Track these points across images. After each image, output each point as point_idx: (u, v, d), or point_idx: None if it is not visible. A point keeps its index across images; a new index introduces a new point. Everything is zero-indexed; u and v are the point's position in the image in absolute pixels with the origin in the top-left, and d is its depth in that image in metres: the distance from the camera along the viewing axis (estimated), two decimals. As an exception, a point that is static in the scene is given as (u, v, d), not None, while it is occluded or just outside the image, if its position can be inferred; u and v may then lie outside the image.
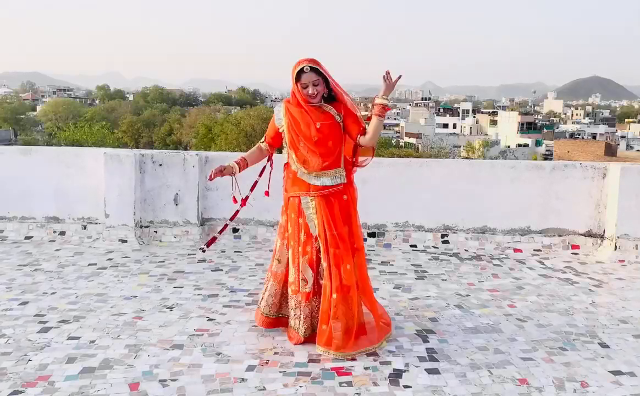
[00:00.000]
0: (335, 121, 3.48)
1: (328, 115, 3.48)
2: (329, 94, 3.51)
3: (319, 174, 3.50)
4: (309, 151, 3.48)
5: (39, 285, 4.58)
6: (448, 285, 4.80)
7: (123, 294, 4.43)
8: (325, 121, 3.46)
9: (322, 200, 3.50)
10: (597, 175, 5.88)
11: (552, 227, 5.92)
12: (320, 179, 3.51)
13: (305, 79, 3.40)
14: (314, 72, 3.38)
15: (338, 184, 3.54)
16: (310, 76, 3.39)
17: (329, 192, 3.51)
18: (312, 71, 3.38)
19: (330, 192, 3.52)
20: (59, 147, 7.22)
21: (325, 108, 3.49)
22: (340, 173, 3.56)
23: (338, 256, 3.46)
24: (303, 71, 3.38)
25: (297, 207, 3.56)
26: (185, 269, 5.05)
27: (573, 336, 3.84)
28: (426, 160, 6.37)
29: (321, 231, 3.48)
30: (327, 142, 3.48)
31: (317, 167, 3.48)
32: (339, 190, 3.55)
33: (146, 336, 3.68)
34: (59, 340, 3.60)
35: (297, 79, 3.42)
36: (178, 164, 5.91)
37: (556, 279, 5.03)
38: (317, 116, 3.46)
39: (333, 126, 3.48)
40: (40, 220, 6.01)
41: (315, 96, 3.43)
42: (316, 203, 3.52)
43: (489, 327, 3.96)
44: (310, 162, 3.49)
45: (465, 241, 5.89)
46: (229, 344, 3.60)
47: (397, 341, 3.68)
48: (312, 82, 3.39)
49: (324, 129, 3.46)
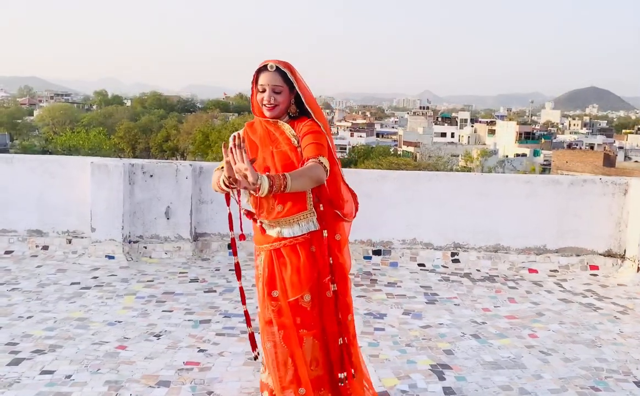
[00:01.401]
0: (292, 145, 2.44)
1: (285, 138, 2.46)
2: (301, 111, 2.53)
3: (275, 223, 2.48)
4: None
5: (15, 307, 4.17)
6: (462, 311, 4.41)
7: (106, 319, 4.03)
8: (280, 147, 2.45)
9: (274, 252, 2.51)
10: (618, 191, 5.51)
11: (570, 246, 5.54)
12: (278, 229, 2.49)
13: (263, 80, 2.43)
14: (280, 76, 2.43)
15: (303, 234, 2.48)
16: (272, 78, 2.42)
17: (286, 243, 2.49)
18: (277, 72, 2.43)
19: (289, 243, 2.49)
20: (42, 156, 6.82)
21: (282, 126, 2.48)
22: (308, 219, 2.48)
23: (287, 337, 2.48)
24: (265, 69, 2.44)
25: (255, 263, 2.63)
26: (176, 291, 4.65)
27: (604, 373, 3.45)
28: (435, 173, 6.01)
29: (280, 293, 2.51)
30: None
31: (274, 216, 2.47)
32: (305, 239, 2.49)
33: (129, 371, 3.28)
34: (30, 375, 3.20)
35: (255, 79, 2.48)
36: (170, 175, 5.52)
37: (577, 305, 4.65)
38: (273, 139, 2.48)
39: (290, 153, 2.43)
40: (21, 233, 5.61)
41: (272, 107, 2.44)
42: (265, 256, 2.54)
43: (510, 362, 3.57)
44: (266, 206, 2.48)
45: (477, 260, 5.51)
46: (222, 381, 3.21)
47: (410, 379, 3.29)
48: (272, 87, 2.42)
49: (279, 159, 2.44)
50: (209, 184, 5.61)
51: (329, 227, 2.51)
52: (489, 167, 49.99)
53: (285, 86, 2.45)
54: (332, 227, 2.54)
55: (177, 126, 63.45)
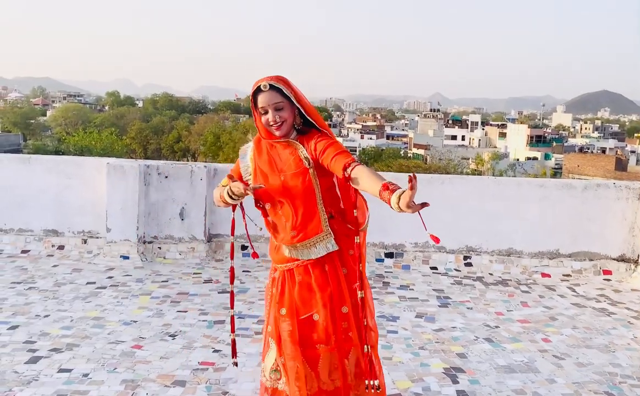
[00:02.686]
0: (303, 168, 2.38)
1: (296, 159, 2.39)
2: (305, 124, 2.46)
3: (292, 247, 2.45)
4: (276, 215, 2.48)
5: (32, 306, 4.23)
6: (474, 314, 4.42)
7: (122, 318, 4.08)
8: (290, 170, 2.40)
9: (287, 273, 2.49)
10: (632, 196, 5.48)
11: (583, 250, 5.53)
12: (295, 253, 2.46)
13: (262, 102, 2.36)
14: (277, 92, 2.36)
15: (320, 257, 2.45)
16: (270, 97, 2.35)
17: (299, 264, 2.47)
18: (272, 89, 2.36)
19: (302, 264, 2.46)
20: (59, 156, 6.90)
21: (295, 146, 2.41)
22: (326, 241, 2.44)
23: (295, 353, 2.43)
24: (261, 90, 2.37)
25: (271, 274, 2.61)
26: (190, 291, 4.69)
27: (618, 379, 3.45)
28: (448, 176, 6.00)
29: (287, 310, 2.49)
30: (295, 203, 2.41)
31: (289, 240, 2.44)
32: (317, 259, 2.45)
33: (145, 370, 3.33)
34: (48, 373, 3.25)
35: (254, 102, 2.41)
36: (185, 177, 5.57)
37: (591, 309, 4.64)
38: (282, 163, 2.43)
39: (300, 177, 2.38)
40: (38, 233, 5.68)
41: (280, 125, 2.37)
42: (279, 275, 2.52)
43: (523, 366, 3.57)
44: (281, 230, 2.48)
45: (490, 263, 5.51)
46: (236, 381, 3.24)
47: (424, 382, 3.30)
48: (274, 106, 2.36)
49: (288, 184, 2.40)
50: (223, 186, 5.65)
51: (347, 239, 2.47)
52: (500, 171, 49.79)
53: (285, 100, 2.37)
54: (349, 238, 2.47)
55: (189, 127, 63.72)
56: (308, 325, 2.44)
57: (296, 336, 2.42)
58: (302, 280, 2.46)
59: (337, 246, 2.45)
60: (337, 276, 2.46)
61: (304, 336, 2.43)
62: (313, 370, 2.42)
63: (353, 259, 2.48)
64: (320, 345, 2.43)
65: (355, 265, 2.47)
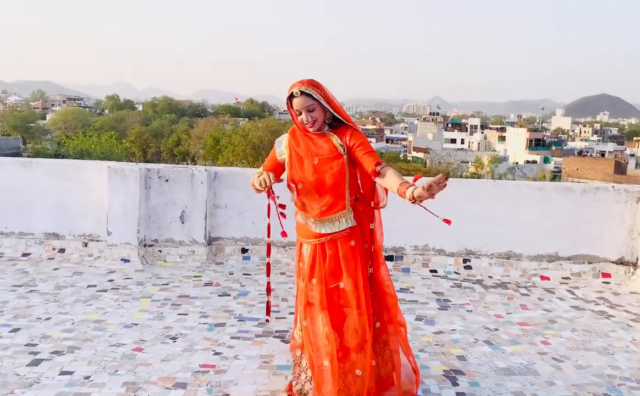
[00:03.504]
0: (337, 153, 2.83)
1: (330, 146, 2.84)
2: (334, 118, 2.90)
3: (318, 221, 2.87)
4: (308, 193, 2.88)
5: (33, 309, 4.25)
6: (474, 317, 4.43)
7: (123, 321, 4.09)
8: (324, 155, 2.84)
9: (320, 247, 2.89)
10: (631, 199, 5.51)
11: (582, 253, 5.55)
12: (320, 226, 2.88)
13: (297, 105, 2.80)
14: (307, 97, 2.78)
15: (342, 230, 2.87)
16: (303, 101, 2.78)
17: (328, 239, 2.88)
18: (303, 95, 2.78)
19: (331, 238, 2.88)
20: (59, 160, 6.91)
21: (329, 136, 2.86)
22: (347, 217, 2.87)
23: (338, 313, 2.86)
24: (293, 96, 2.80)
25: (299, 250, 3.02)
26: (191, 294, 4.70)
27: (617, 381, 3.47)
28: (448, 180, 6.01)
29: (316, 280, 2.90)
30: (325, 183, 2.83)
31: (317, 214, 2.87)
32: (344, 235, 2.87)
33: (146, 372, 3.34)
34: (50, 375, 3.26)
35: (290, 104, 2.86)
36: (185, 180, 5.59)
37: (590, 312, 4.66)
38: (317, 148, 2.86)
39: (334, 161, 2.83)
40: (39, 236, 5.69)
41: (312, 123, 2.82)
42: (311, 249, 2.92)
43: (523, 368, 3.59)
44: (309, 207, 2.89)
45: (489, 266, 5.53)
46: (237, 383, 3.25)
47: (424, 384, 3.31)
48: (306, 108, 2.79)
49: (322, 166, 2.84)
50: (224, 189, 5.68)
51: (367, 219, 2.93)
52: (500, 174, 49.82)
53: (315, 102, 2.80)
54: (368, 218, 2.94)
55: (188, 130, 63.78)
56: (336, 293, 2.86)
57: (324, 302, 2.83)
58: (332, 253, 2.87)
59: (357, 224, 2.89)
60: (361, 251, 2.90)
61: (331, 302, 2.84)
62: (339, 330, 2.83)
63: (372, 237, 2.94)
64: (347, 308, 2.84)
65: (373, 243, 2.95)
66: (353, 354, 2.83)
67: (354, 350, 2.83)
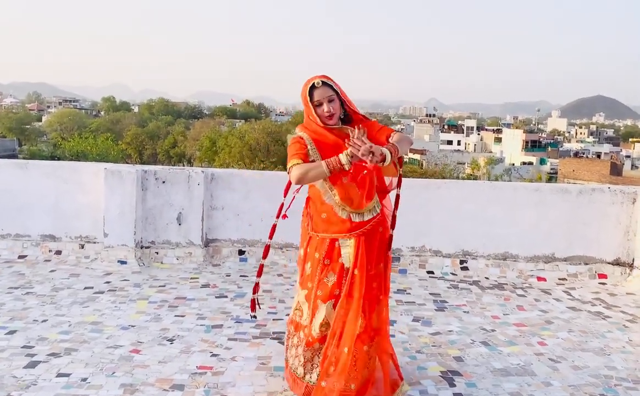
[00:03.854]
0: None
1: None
2: (345, 115, 3.03)
3: (361, 211, 2.99)
4: (350, 186, 2.94)
5: (30, 311, 4.23)
6: (471, 318, 4.44)
7: (120, 323, 4.09)
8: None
9: (362, 237, 2.99)
10: (627, 200, 5.53)
11: (578, 254, 5.56)
12: (362, 216, 2.99)
13: (318, 96, 2.89)
14: (328, 87, 2.90)
15: (375, 216, 3.04)
16: (324, 91, 2.89)
17: (367, 228, 2.99)
18: (324, 85, 2.90)
19: (369, 228, 3.00)
20: (56, 162, 6.91)
21: (347, 131, 2.90)
22: (377, 203, 3.07)
23: (372, 298, 3.02)
24: (315, 87, 2.90)
25: (327, 247, 3.02)
26: (188, 296, 4.70)
27: (614, 381, 3.48)
28: (444, 181, 6.03)
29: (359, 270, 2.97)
30: (362, 172, 2.90)
31: (361, 204, 2.97)
32: (376, 222, 3.03)
33: (143, 374, 3.34)
34: (46, 377, 3.26)
35: (310, 97, 2.92)
36: (182, 182, 5.58)
37: (586, 313, 4.67)
38: (343, 144, 2.89)
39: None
40: (35, 238, 5.68)
41: (332, 115, 2.91)
42: (355, 242, 2.99)
43: (520, 368, 3.60)
44: (354, 199, 2.96)
45: (486, 268, 5.54)
46: (235, 385, 3.25)
47: (421, 385, 3.32)
48: (327, 98, 2.89)
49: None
50: (221, 190, 5.67)
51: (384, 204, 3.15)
52: (496, 175, 49.94)
53: (334, 93, 2.92)
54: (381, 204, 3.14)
55: (184, 132, 63.70)
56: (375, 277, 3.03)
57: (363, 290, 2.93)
58: (373, 240, 3.00)
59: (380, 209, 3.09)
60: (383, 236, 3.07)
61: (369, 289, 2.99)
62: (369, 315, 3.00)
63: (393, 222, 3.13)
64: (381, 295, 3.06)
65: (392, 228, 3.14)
66: (376, 337, 3.03)
67: (377, 333, 3.03)
